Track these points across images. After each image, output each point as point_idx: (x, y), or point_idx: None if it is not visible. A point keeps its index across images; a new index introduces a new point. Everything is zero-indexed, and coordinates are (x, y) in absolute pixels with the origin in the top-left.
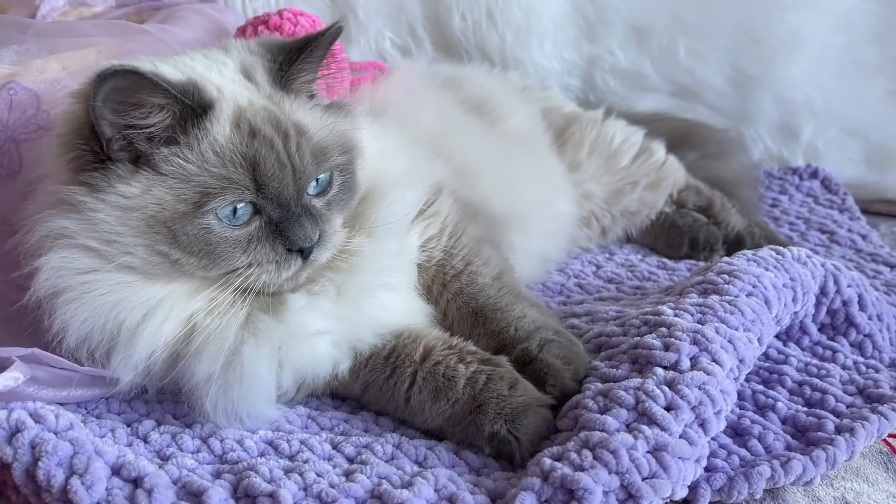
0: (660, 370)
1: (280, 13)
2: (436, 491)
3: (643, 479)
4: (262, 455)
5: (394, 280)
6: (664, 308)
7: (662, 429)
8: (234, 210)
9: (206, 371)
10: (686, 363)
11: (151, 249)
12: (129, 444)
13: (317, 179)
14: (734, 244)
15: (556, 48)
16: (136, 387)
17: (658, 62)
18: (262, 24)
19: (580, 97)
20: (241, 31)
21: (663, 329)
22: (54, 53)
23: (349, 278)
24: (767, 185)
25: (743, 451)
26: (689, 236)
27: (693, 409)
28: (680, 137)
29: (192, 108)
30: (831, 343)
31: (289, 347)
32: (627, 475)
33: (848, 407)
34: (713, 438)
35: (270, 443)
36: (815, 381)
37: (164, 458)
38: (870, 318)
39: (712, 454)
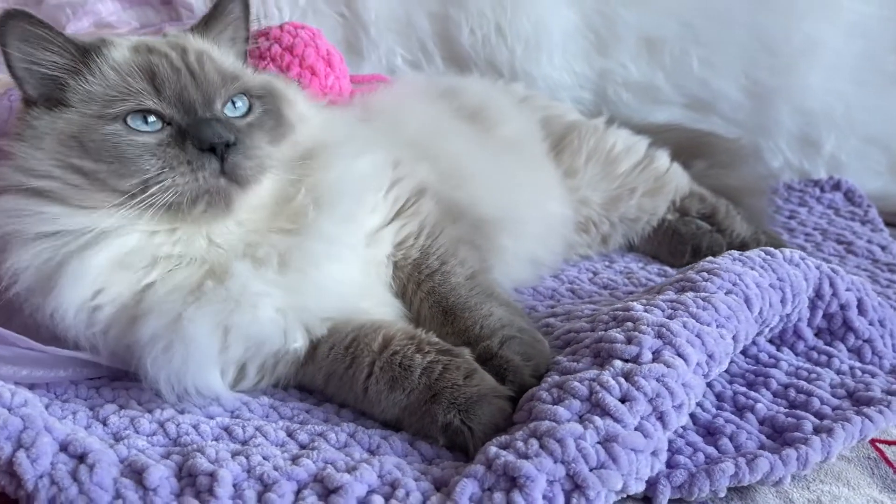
0: (618, 362)
1: (281, 26)
2: (379, 476)
3: (590, 470)
4: (216, 440)
5: (343, 252)
6: (635, 304)
7: (615, 420)
8: (144, 118)
9: (150, 331)
10: (647, 356)
11: (66, 165)
12: (88, 426)
13: (234, 103)
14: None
15: (566, 61)
16: (92, 347)
17: (671, 74)
18: (262, 35)
19: (592, 110)
20: None
21: (629, 324)
22: None
23: (293, 245)
24: (786, 196)
25: (710, 449)
26: (691, 244)
27: (650, 401)
28: (690, 147)
29: (83, 47)
30: (827, 348)
31: (231, 312)
32: (573, 464)
33: (834, 409)
34: (681, 436)
35: (226, 428)
36: (802, 383)
37: (118, 440)
38: (870, 324)
39: (677, 451)
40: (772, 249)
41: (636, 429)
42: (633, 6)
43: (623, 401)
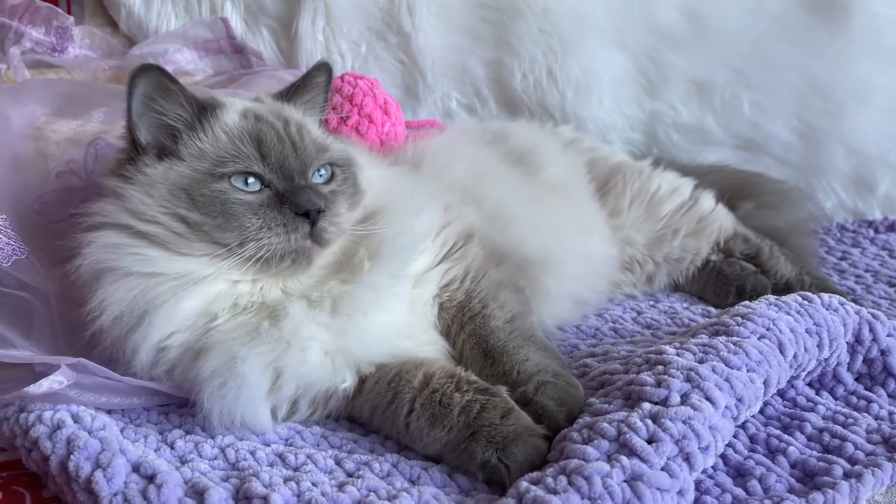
0: (647, 405)
1: (342, 77)
2: None
3: None
4: (270, 465)
5: (391, 302)
6: (667, 347)
7: (642, 460)
8: (245, 180)
9: (210, 369)
10: (676, 399)
11: (173, 214)
12: (157, 449)
13: (319, 171)
14: (783, 293)
15: (616, 104)
16: (157, 376)
17: (721, 116)
18: None
19: (643, 151)
20: None
21: (660, 367)
22: None
23: (345, 292)
24: (839, 237)
25: (738, 491)
26: (735, 285)
27: (676, 442)
28: (737, 188)
29: (203, 104)
30: (867, 393)
31: (283, 353)
32: (599, 501)
33: (867, 455)
34: (710, 476)
35: (280, 455)
36: (837, 428)
37: (183, 463)
38: None
39: (705, 491)
40: (809, 294)
41: (662, 469)
42: (682, 51)
43: (650, 442)
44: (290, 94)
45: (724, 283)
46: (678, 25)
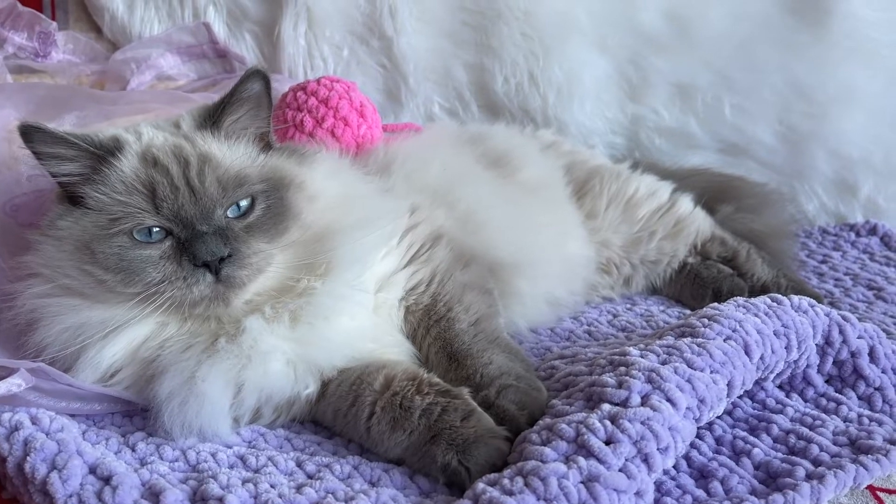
0: (607, 405)
1: (318, 80)
2: None
3: None
4: (230, 467)
5: (351, 307)
6: (632, 349)
7: (599, 461)
8: (149, 232)
9: (168, 390)
10: (636, 400)
11: (80, 270)
12: (118, 451)
13: (238, 205)
14: (760, 295)
15: (598, 108)
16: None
17: (703, 120)
18: (300, 89)
19: (625, 154)
20: (283, 97)
21: (622, 368)
22: (109, 119)
23: (303, 302)
24: (821, 240)
25: (699, 492)
26: (712, 287)
27: (635, 443)
28: (718, 191)
29: (96, 152)
30: (836, 395)
31: (244, 368)
32: (555, 502)
33: (832, 457)
34: (672, 478)
35: (241, 457)
36: (804, 430)
37: (143, 465)
38: (882, 371)
39: (666, 493)
40: (779, 296)
41: (620, 470)
42: (665, 55)
43: (608, 443)
44: (216, 113)
45: (700, 285)
46: (660, 29)
